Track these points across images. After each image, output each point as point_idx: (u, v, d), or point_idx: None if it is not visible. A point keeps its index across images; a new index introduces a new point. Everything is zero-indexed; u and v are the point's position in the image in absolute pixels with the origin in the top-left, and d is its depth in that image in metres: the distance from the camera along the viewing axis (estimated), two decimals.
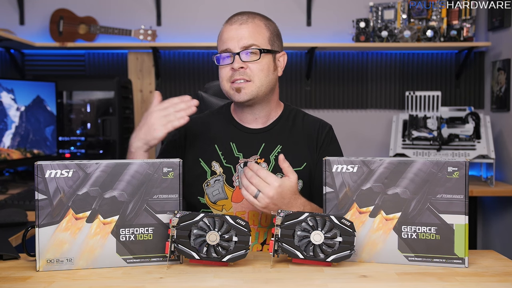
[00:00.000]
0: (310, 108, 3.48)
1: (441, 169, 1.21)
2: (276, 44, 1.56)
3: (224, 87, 1.53)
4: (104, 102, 3.03)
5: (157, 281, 1.13)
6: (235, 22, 1.52)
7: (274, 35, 1.56)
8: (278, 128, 1.59)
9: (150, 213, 1.23)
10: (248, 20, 1.52)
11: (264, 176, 1.31)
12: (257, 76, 1.50)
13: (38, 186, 1.18)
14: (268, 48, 1.52)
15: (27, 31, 3.35)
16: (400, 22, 3.30)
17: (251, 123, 1.59)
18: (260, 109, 1.57)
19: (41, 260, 1.19)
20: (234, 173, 1.54)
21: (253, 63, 1.49)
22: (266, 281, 1.12)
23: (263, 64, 1.50)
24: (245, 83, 1.49)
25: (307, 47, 3.28)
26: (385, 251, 1.24)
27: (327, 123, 1.65)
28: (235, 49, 1.50)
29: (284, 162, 1.35)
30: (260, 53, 1.50)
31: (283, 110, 1.63)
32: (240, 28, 1.51)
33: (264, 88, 1.52)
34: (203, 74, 3.46)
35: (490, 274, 1.17)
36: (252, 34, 1.50)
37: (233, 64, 1.49)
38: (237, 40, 1.50)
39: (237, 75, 1.49)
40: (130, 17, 3.40)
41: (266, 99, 1.56)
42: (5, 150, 2.58)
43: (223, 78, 1.52)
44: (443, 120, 3.12)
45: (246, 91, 1.49)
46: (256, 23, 1.52)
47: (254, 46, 1.50)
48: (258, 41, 1.50)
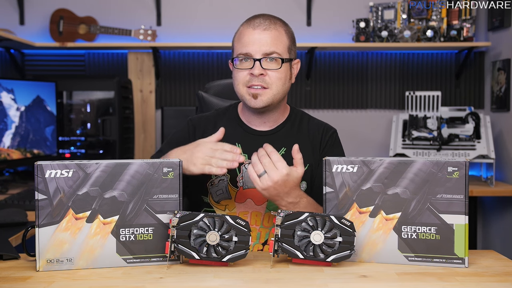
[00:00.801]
0: (310, 108, 3.49)
1: (441, 169, 1.21)
2: (293, 52, 1.55)
3: (239, 90, 1.52)
4: (104, 102, 3.03)
5: (157, 281, 1.13)
6: (258, 27, 1.50)
7: (292, 42, 1.56)
8: (284, 131, 1.59)
9: (150, 213, 1.23)
10: (271, 26, 1.50)
11: (275, 160, 1.31)
12: (275, 84, 1.49)
13: (38, 186, 1.18)
14: (287, 56, 1.52)
15: (27, 31, 3.35)
16: (400, 22, 3.30)
17: (258, 126, 1.59)
18: (269, 115, 1.57)
19: (41, 260, 1.19)
20: (238, 174, 1.54)
21: (273, 71, 1.48)
22: (266, 281, 1.12)
23: (282, 73, 1.50)
24: (262, 90, 1.48)
25: (307, 47, 3.28)
26: (385, 251, 1.24)
27: (332, 127, 1.65)
28: (256, 55, 1.48)
29: (297, 153, 1.36)
30: (282, 62, 1.49)
31: (290, 113, 1.63)
32: (263, 33, 1.49)
33: (280, 96, 1.52)
34: (203, 74, 3.46)
35: (490, 274, 1.17)
36: (275, 42, 1.49)
37: (253, 70, 1.48)
38: (259, 46, 1.48)
39: (255, 80, 1.48)
40: (130, 17, 3.40)
41: (277, 106, 1.56)
42: (5, 150, 2.58)
43: (240, 82, 1.51)
44: (443, 120, 3.12)
45: (262, 98, 1.49)
46: (278, 30, 1.51)
47: (276, 54, 1.48)
48: (279, 49, 1.49)
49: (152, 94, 3.44)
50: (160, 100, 3.47)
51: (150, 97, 3.44)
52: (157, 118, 3.47)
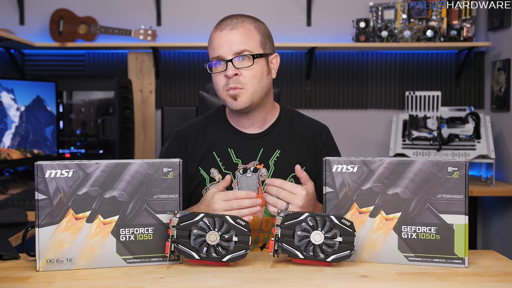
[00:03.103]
0: (310, 108, 3.48)
1: (441, 169, 1.21)
2: (268, 46, 1.52)
3: (220, 95, 1.51)
4: (104, 102, 3.03)
5: (157, 281, 1.13)
6: (225, 28, 1.48)
7: (266, 37, 1.52)
8: (275, 132, 1.57)
9: (150, 213, 1.23)
10: (238, 25, 1.48)
11: (290, 188, 1.33)
12: (250, 83, 1.47)
13: (38, 186, 1.18)
14: (261, 52, 1.49)
15: (27, 31, 3.35)
16: (400, 22, 3.30)
17: (248, 128, 1.57)
18: (256, 115, 1.55)
19: (41, 260, 1.19)
20: (233, 180, 1.52)
21: (247, 69, 1.46)
22: (266, 281, 1.12)
23: (256, 70, 1.47)
24: (239, 90, 1.47)
25: (307, 47, 3.27)
26: (385, 251, 1.24)
27: (324, 125, 1.64)
28: (227, 56, 1.47)
29: (301, 173, 1.38)
30: (253, 59, 1.47)
31: (280, 112, 1.61)
32: (230, 33, 1.47)
33: (259, 94, 1.49)
34: (203, 74, 3.46)
35: (490, 274, 1.17)
36: (244, 39, 1.47)
37: (226, 72, 1.46)
38: (228, 46, 1.46)
39: (231, 83, 1.46)
40: (130, 17, 3.40)
41: (261, 104, 1.53)
42: (5, 150, 2.58)
43: (219, 86, 1.49)
44: (443, 120, 3.12)
45: (242, 98, 1.47)
46: (246, 27, 1.49)
47: (247, 52, 1.46)
48: (250, 46, 1.47)
49: (152, 94, 3.44)
50: (160, 100, 3.47)
51: (150, 97, 3.44)
52: (157, 118, 3.47)
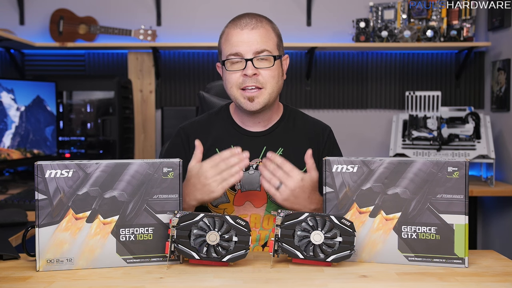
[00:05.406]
0: (310, 108, 3.48)
1: (441, 169, 1.21)
2: (281, 48, 1.54)
3: (233, 93, 1.49)
4: (104, 102, 3.03)
5: (157, 281, 1.13)
6: (246, 26, 1.48)
7: (279, 39, 1.54)
8: (279, 131, 1.58)
9: (150, 213, 1.23)
10: (258, 25, 1.48)
11: (289, 170, 1.33)
12: (269, 83, 1.47)
13: (38, 186, 1.18)
14: (277, 53, 1.50)
15: (27, 31, 3.35)
16: (400, 22, 3.30)
17: (252, 126, 1.57)
18: (263, 114, 1.55)
19: (41, 260, 1.19)
20: None
21: (266, 69, 1.47)
22: (266, 281, 1.12)
23: (274, 70, 1.48)
24: (257, 91, 1.47)
25: (307, 47, 3.28)
26: (385, 251, 1.24)
27: (327, 125, 1.65)
28: (246, 55, 1.46)
29: (310, 159, 1.37)
30: (274, 60, 1.48)
31: (283, 112, 1.62)
32: (251, 32, 1.47)
33: (275, 95, 1.51)
34: (203, 74, 3.46)
35: (490, 274, 1.17)
36: (264, 40, 1.47)
37: (245, 70, 1.45)
38: (249, 45, 1.46)
39: (248, 81, 1.46)
40: (130, 17, 3.40)
41: (271, 104, 1.55)
42: (5, 150, 2.58)
43: (233, 84, 1.48)
44: (443, 120, 3.12)
45: (259, 100, 1.47)
46: (265, 27, 1.49)
47: (266, 52, 1.47)
48: (269, 47, 1.48)
49: (152, 94, 3.44)
50: (160, 100, 3.47)
51: (150, 97, 3.44)
52: (157, 118, 3.47)
